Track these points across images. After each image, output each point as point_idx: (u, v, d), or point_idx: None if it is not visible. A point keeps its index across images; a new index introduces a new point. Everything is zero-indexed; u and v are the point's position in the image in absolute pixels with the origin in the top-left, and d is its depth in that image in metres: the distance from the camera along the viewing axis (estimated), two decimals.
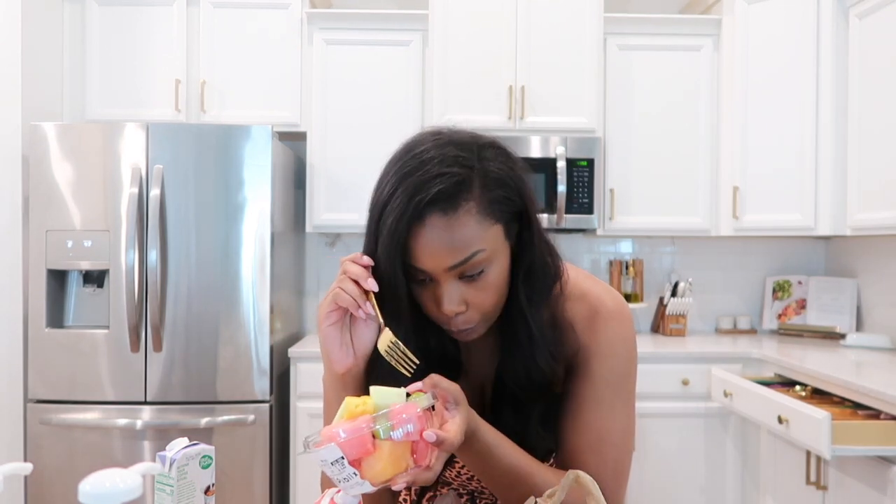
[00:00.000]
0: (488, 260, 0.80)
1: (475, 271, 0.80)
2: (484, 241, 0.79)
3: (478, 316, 0.83)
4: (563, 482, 0.76)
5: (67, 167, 2.44)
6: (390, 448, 0.67)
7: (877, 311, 2.85)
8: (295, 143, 3.10)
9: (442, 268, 0.79)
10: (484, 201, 0.79)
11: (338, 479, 0.67)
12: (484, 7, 2.84)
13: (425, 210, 0.77)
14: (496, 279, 0.82)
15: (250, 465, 2.46)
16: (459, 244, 0.77)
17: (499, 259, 0.82)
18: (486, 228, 0.79)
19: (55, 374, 2.43)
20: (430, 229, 0.77)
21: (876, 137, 2.46)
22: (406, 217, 0.77)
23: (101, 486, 0.66)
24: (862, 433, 1.81)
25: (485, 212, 0.79)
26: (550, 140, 2.82)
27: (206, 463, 0.89)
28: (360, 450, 0.67)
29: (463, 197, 0.77)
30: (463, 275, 0.80)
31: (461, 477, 0.99)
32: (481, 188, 0.79)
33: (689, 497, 2.64)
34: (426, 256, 0.78)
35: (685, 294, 3.02)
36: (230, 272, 2.46)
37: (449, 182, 0.77)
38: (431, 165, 0.78)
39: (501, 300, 0.85)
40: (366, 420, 0.67)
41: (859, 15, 2.56)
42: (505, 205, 0.81)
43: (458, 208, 0.77)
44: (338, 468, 0.66)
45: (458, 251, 0.78)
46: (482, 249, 0.79)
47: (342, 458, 0.66)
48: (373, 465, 0.67)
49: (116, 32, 2.85)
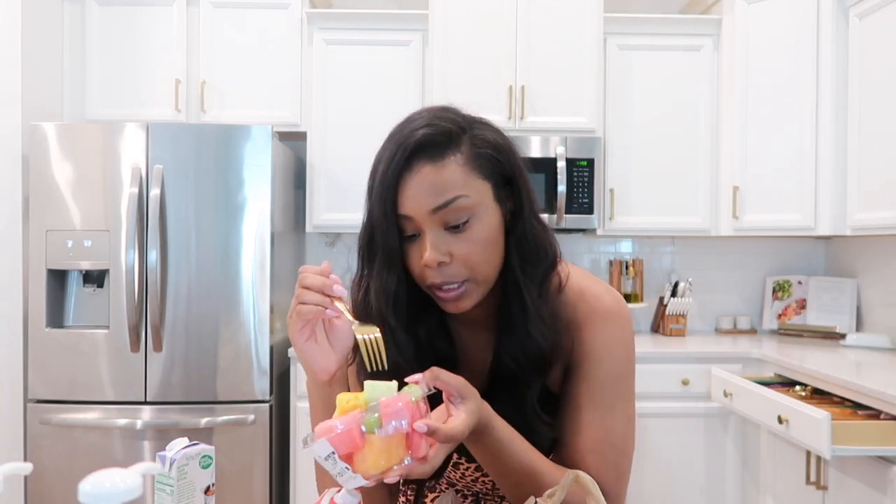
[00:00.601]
0: (472, 209, 0.81)
1: (459, 219, 0.81)
2: (468, 189, 0.81)
3: (464, 271, 0.82)
4: (562, 482, 0.76)
5: (67, 167, 2.44)
6: (380, 442, 0.67)
7: (877, 311, 2.85)
8: (295, 143, 3.10)
9: (425, 210, 0.80)
10: (472, 156, 0.82)
11: (333, 473, 0.68)
12: (484, 7, 2.84)
13: (413, 157, 0.80)
14: (483, 233, 0.82)
15: (250, 465, 2.46)
16: (442, 186, 0.79)
17: (486, 214, 0.82)
18: (472, 179, 0.81)
19: (55, 374, 2.43)
20: (416, 174, 0.80)
21: (876, 137, 2.46)
22: (395, 163, 0.80)
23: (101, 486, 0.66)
24: (862, 433, 1.81)
25: (472, 165, 0.82)
26: (550, 140, 2.82)
27: (206, 463, 0.89)
28: (349, 445, 0.67)
29: (451, 148, 0.81)
30: (447, 224, 0.81)
31: (465, 478, 0.99)
32: (470, 145, 0.83)
33: (689, 497, 2.64)
34: (410, 200, 0.80)
35: (685, 294, 3.02)
36: (230, 272, 2.46)
37: (437, 131, 0.81)
38: (421, 120, 0.83)
39: (491, 263, 0.84)
40: (355, 415, 0.67)
41: (859, 15, 2.56)
42: (494, 165, 0.84)
43: (445, 157, 0.81)
44: (331, 463, 0.67)
45: (442, 193, 0.79)
46: (465, 195, 0.80)
47: (333, 454, 0.67)
48: (363, 460, 0.67)
49: (116, 32, 2.85)
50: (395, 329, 0.86)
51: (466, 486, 1.00)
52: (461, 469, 0.98)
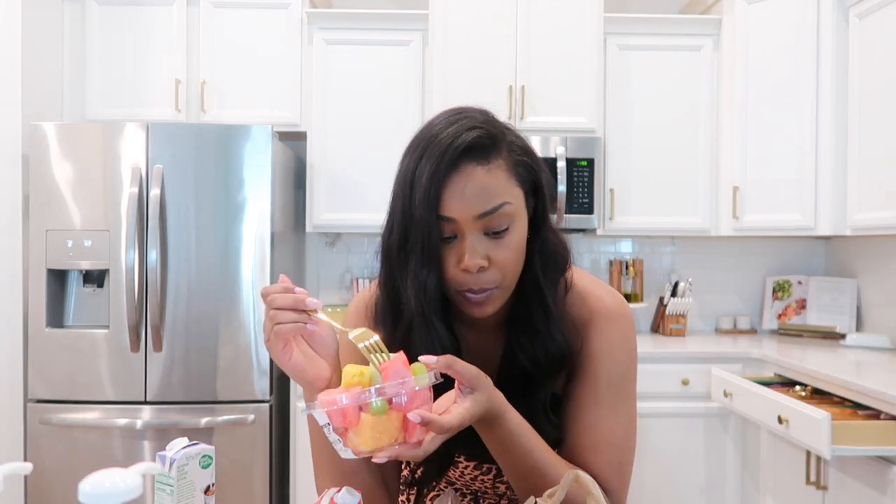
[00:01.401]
0: (513, 217, 0.81)
1: (501, 226, 0.81)
2: (510, 196, 0.81)
3: (498, 277, 0.82)
4: (562, 482, 0.76)
5: (67, 167, 2.44)
6: (373, 422, 0.67)
7: (877, 311, 2.85)
8: (295, 143, 3.10)
9: (471, 215, 0.79)
10: (510, 162, 0.83)
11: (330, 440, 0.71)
12: (484, 7, 2.84)
13: (461, 159, 0.79)
14: (518, 241, 0.83)
15: (250, 465, 2.46)
16: (491, 192, 0.79)
17: (521, 221, 0.83)
18: (513, 186, 0.82)
19: (55, 374, 2.43)
20: (464, 176, 0.79)
21: (876, 137, 2.46)
22: (445, 162, 0.78)
23: (101, 486, 0.66)
24: (862, 433, 1.81)
25: (512, 171, 0.82)
26: (550, 140, 2.82)
27: (206, 463, 0.89)
28: (343, 420, 0.68)
29: (494, 153, 0.81)
30: (488, 229, 0.81)
31: (464, 477, 0.99)
32: (508, 150, 0.83)
33: (689, 497, 2.64)
34: (457, 202, 0.79)
35: (685, 294, 3.02)
36: (230, 272, 2.46)
37: (485, 134, 0.81)
38: (461, 124, 0.81)
39: (519, 269, 0.85)
40: (356, 391, 0.67)
41: (859, 15, 2.56)
42: (527, 172, 0.85)
43: (491, 161, 0.80)
44: (326, 431, 0.70)
45: (490, 199, 0.79)
46: (509, 202, 0.81)
47: (328, 425, 0.69)
48: (355, 436, 0.68)
49: (116, 32, 2.85)
50: (437, 327, 0.84)
51: (465, 484, 1.00)
52: (460, 468, 0.98)
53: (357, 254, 3.20)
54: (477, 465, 0.97)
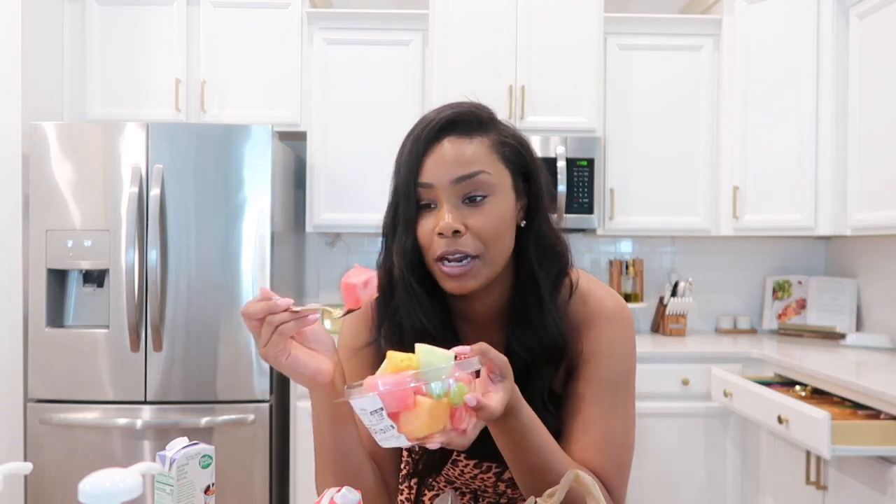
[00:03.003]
0: (492, 187, 0.85)
1: (479, 193, 0.84)
2: (491, 167, 0.85)
3: (476, 244, 0.84)
4: (562, 481, 0.76)
5: (67, 167, 2.44)
6: (430, 406, 0.66)
7: (877, 311, 2.85)
8: (295, 143, 3.10)
9: (448, 179, 0.84)
10: (497, 143, 0.87)
11: (374, 429, 0.68)
12: (484, 7, 2.84)
13: (443, 132, 0.85)
14: (498, 212, 0.85)
15: (250, 465, 2.46)
16: (469, 159, 0.84)
17: (504, 196, 0.86)
18: (496, 161, 0.86)
19: (55, 374, 2.43)
20: (445, 144, 0.85)
21: (876, 137, 2.46)
22: (426, 133, 0.85)
23: (101, 486, 0.66)
24: (862, 433, 1.81)
25: (497, 149, 0.87)
26: (550, 140, 2.82)
27: (206, 463, 0.89)
28: (400, 403, 0.66)
29: (479, 132, 0.87)
30: (466, 195, 0.84)
31: (464, 475, 1.00)
32: (497, 133, 0.89)
33: (689, 497, 2.64)
34: (435, 167, 0.84)
35: (685, 294, 3.02)
36: (230, 272, 2.46)
37: (468, 112, 0.88)
38: (450, 105, 0.90)
39: (501, 243, 0.86)
40: (410, 375, 0.67)
41: (859, 15, 2.56)
42: (517, 156, 0.89)
43: (474, 137, 0.86)
44: (375, 418, 0.67)
45: (467, 165, 0.84)
46: (488, 172, 0.85)
47: (381, 410, 0.66)
48: (411, 421, 0.67)
49: (116, 32, 2.85)
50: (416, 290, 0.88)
51: (465, 483, 1.01)
52: (460, 466, 0.99)
53: (357, 254, 3.20)
54: (477, 464, 0.98)
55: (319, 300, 3.23)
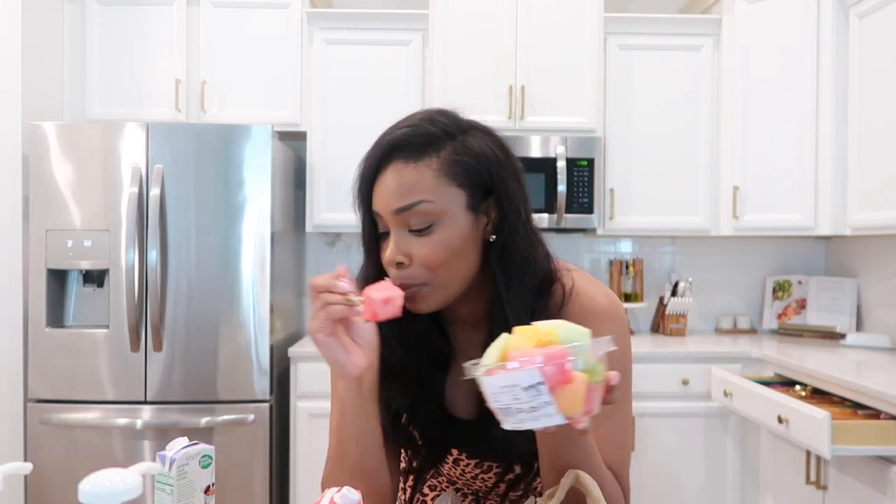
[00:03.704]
0: (436, 215, 0.82)
1: (422, 224, 0.82)
2: (433, 195, 0.82)
3: (423, 274, 0.83)
4: (562, 482, 0.76)
5: (67, 167, 2.44)
6: (584, 383, 0.63)
7: (877, 311, 2.85)
8: (295, 143, 3.10)
9: (389, 210, 0.82)
10: (448, 163, 0.83)
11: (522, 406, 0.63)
12: (484, 7, 2.84)
13: (390, 156, 0.83)
14: (447, 239, 0.82)
15: (250, 465, 2.46)
16: (410, 189, 0.81)
17: (453, 222, 0.83)
18: (443, 186, 0.82)
19: (55, 374, 2.43)
20: (389, 172, 0.83)
21: (876, 137, 2.46)
22: (372, 159, 0.84)
23: (101, 486, 0.66)
24: (862, 433, 1.81)
25: (447, 172, 0.82)
26: (550, 140, 2.82)
27: (206, 462, 0.89)
28: (560, 378, 0.62)
29: (428, 152, 0.83)
30: (409, 226, 0.82)
31: (465, 476, 0.99)
32: (451, 152, 0.83)
33: (689, 497, 2.64)
34: (379, 196, 0.83)
35: (685, 294, 3.02)
36: (230, 272, 2.46)
37: (418, 133, 0.83)
38: (410, 120, 0.86)
39: (454, 269, 0.84)
40: (562, 350, 0.62)
41: (859, 15, 2.56)
42: (473, 174, 0.84)
43: (420, 160, 0.82)
44: (530, 394, 0.62)
45: (407, 195, 0.81)
46: (429, 201, 0.81)
47: (541, 384, 0.61)
48: (569, 397, 0.63)
49: (116, 32, 2.85)
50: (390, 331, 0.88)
51: (466, 483, 1.00)
52: (461, 465, 0.98)
53: (357, 254, 3.15)
54: (478, 464, 0.97)
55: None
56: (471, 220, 0.84)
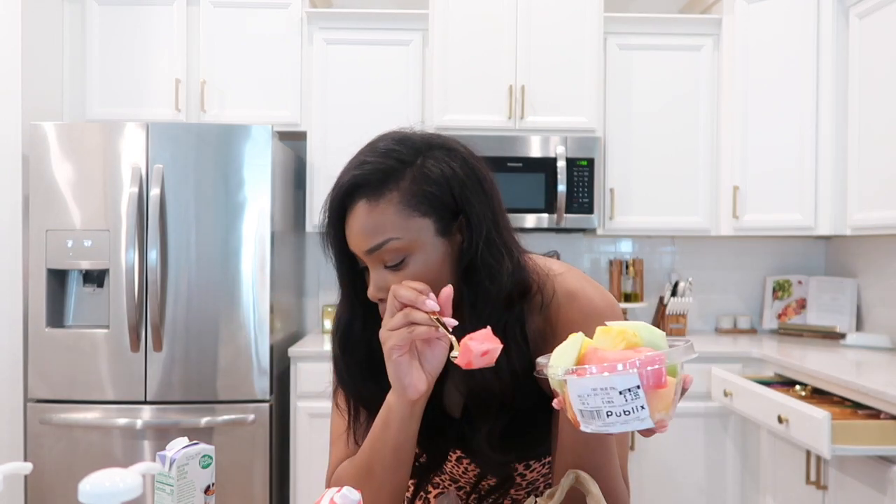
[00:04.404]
0: (407, 249, 0.82)
1: (395, 260, 0.82)
2: (400, 231, 0.81)
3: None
4: (562, 482, 0.76)
5: (67, 167, 2.44)
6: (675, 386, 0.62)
7: (877, 311, 2.85)
8: (295, 143, 3.10)
9: (361, 251, 0.83)
10: (409, 194, 0.82)
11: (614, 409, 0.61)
12: (484, 7, 2.84)
13: (354, 196, 0.83)
14: (422, 271, 0.82)
15: (250, 465, 2.46)
16: (373, 230, 0.81)
17: (424, 252, 0.83)
18: (407, 218, 0.81)
19: (55, 374, 2.43)
20: (354, 215, 0.83)
21: (876, 137, 2.46)
22: (334, 203, 0.86)
23: (101, 486, 0.66)
24: (862, 433, 1.81)
25: (409, 203, 0.82)
26: (550, 140, 2.82)
27: (206, 462, 0.89)
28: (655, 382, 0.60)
29: (388, 187, 0.82)
30: (385, 263, 0.83)
31: (468, 474, 1.00)
32: (411, 182, 0.82)
33: (689, 497, 2.64)
34: (350, 237, 0.84)
35: (685, 294, 3.02)
36: (230, 272, 2.46)
37: (373, 170, 0.83)
38: (366, 155, 0.85)
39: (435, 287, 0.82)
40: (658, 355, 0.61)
41: (859, 15, 2.56)
42: (435, 200, 0.82)
43: (381, 198, 0.82)
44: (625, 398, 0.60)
45: (373, 236, 0.81)
46: (396, 238, 0.81)
47: (638, 388, 0.60)
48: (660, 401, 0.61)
49: (116, 32, 2.85)
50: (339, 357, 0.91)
51: (468, 482, 1.01)
52: (464, 464, 0.99)
53: None
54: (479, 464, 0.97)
55: (319, 300, 3.23)
56: (443, 245, 0.84)
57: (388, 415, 0.84)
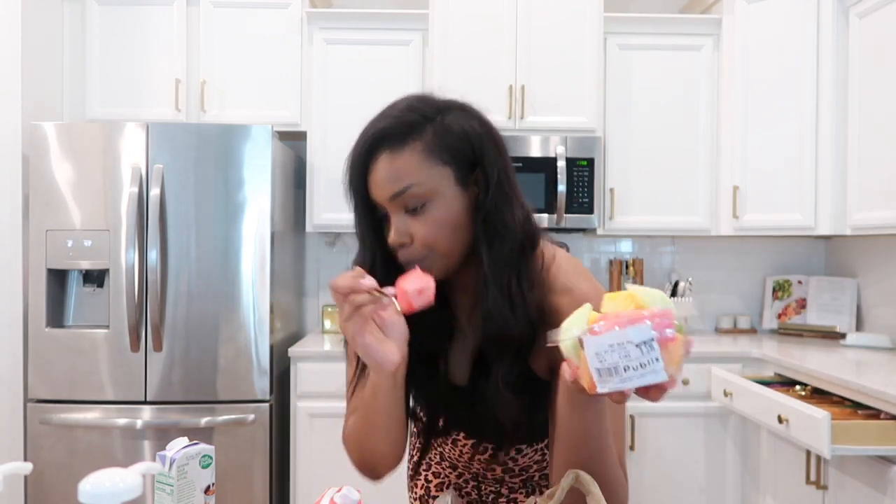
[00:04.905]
0: (427, 195, 0.87)
1: (416, 204, 0.87)
2: (422, 177, 0.86)
3: (423, 251, 0.88)
4: (562, 482, 0.76)
5: (67, 167, 2.44)
6: (683, 341, 0.66)
7: (877, 311, 2.85)
8: (295, 143, 3.10)
9: (384, 197, 0.87)
10: (432, 144, 0.88)
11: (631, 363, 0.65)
12: (484, 7, 2.84)
13: (376, 148, 0.87)
14: (441, 216, 0.87)
15: (250, 465, 2.46)
16: (400, 175, 0.86)
17: (444, 198, 0.88)
18: (429, 167, 0.87)
19: (55, 374, 2.43)
20: (379, 163, 0.87)
21: (876, 137, 2.46)
22: (360, 154, 0.89)
23: (101, 486, 0.66)
24: (862, 433, 1.81)
25: (431, 153, 0.87)
26: (550, 140, 2.82)
27: (206, 462, 0.89)
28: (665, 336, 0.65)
29: (411, 138, 0.87)
30: (407, 208, 0.87)
31: (464, 457, 1.03)
32: (433, 134, 0.88)
33: (689, 497, 2.64)
34: (374, 186, 0.88)
35: (685, 294, 3.02)
36: (230, 272, 2.46)
37: (398, 123, 0.88)
38: (391, 111, 0.90)
39: (452, 241, 0.89)
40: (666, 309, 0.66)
41: (859, 14, 2.56)
42: (456, 151, 0.89)
43: (404, 147, 0.87)
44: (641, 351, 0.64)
45: (397, 182, 0.86)
46: (418, 183, 0.86)
47: (653, 340, 0.64)
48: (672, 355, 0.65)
49: (116, 32, 2.85)
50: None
51: (465, 466, 1.04)
52: (459, 446, 1.02)
53: None
54: (475, 444, 1.00)
55: (319, 300, 3.23)
56: (461, 194, 0.89)
57: (375, 388, 0.89)
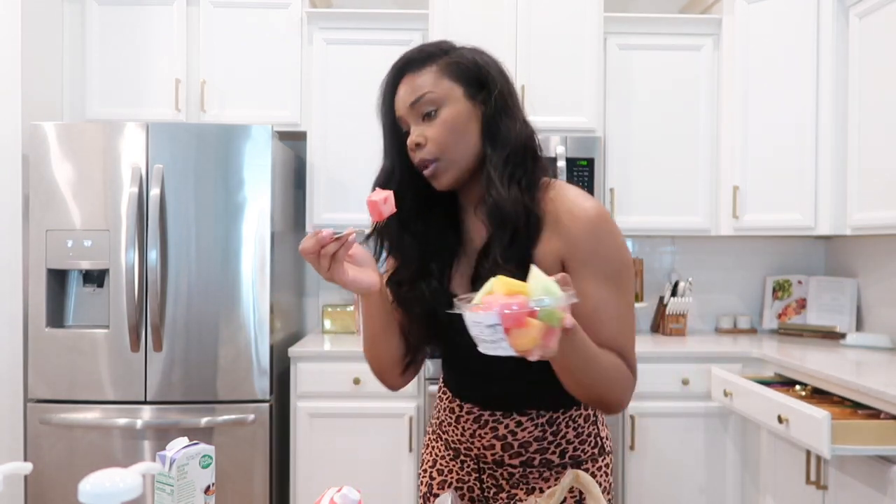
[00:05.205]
0: (439, 101, 1.03)
1: (430, 109, 1.03)
2: (435, 87, 1.03)
3: (434, 150, 1.02)
4: (562, 482, 0.76)
5: (67, 167, 2.44)
6: (539, 328, 0.77)
7: (877, 311, 2.85)
8: (295, 143, 3.10)
9: (405, 106, 1.04)
10: (444, 66, 1.05)
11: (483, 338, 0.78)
12: (484, 7, 2.84)
13: (403, 72, 1.06)
14: (451, 119, 1.03)
15: (250, 465, 2.46)
16: (415, 89, 1.04)
17: (453, 106, 1.03)
18: (442, 81, 1.04)
19: (55, 374, 2.43)
20: (403, 84, 1.06)
21: (876, 137, 2.46)
22: (389, 77, 1.08)
23: (101, 486, 0.66)
24: (862, 433, 1.81)
25: (444, 72, 1.05)
26: (550, 139, 2.82)
27: (206, 462, 0.89)
28: (515, 322, 0.76)
29: (429, 62, 1.05)
30: (422, 114, 1.03)
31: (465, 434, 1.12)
32: (448, 59, 1.06)
33: (689, 497, 2.64)
34: (398, 103, 1.06)
35: (685, 294, 3.02)
36: (230, 272, 2.46)
37: (418, 52, 1.06)
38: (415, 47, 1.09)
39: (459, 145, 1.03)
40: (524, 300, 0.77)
41: (859, 14, 2.56)
42: (465, 72, 1.05)
43: (423, 68, 1.05)
44: (489, 331, 0.77)
45: (414, 93, 1.04)
46: (432, 91, 1.03)
47: (498, 325, 0.76)
48: (520, 337, 0.77)
49: (116, 32, 2.85)
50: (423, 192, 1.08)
51: (467, 448, 1.12)
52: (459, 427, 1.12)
53: None
54: (476, 418, 1.11)
55: (319, 300, 3.23)
56: (469, 106, 1.04)
57: (367, 307, 1.07)
